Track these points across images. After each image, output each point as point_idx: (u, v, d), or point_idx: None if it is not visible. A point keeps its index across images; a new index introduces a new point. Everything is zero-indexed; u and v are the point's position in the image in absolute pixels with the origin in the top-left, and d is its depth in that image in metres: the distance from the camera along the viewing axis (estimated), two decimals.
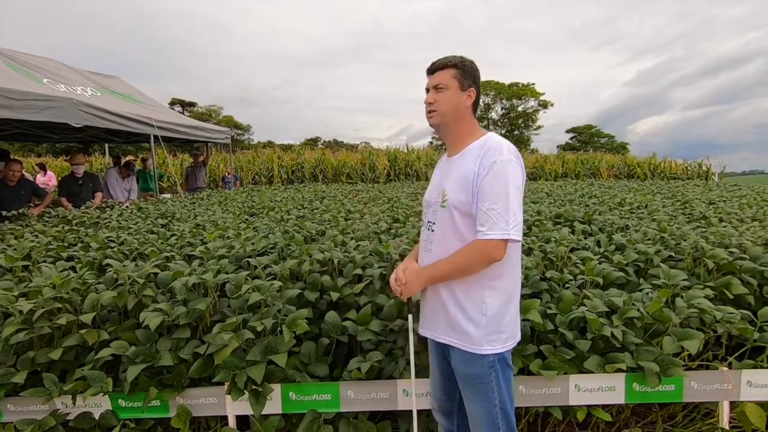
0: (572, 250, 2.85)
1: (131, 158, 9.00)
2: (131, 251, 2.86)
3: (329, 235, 3.15)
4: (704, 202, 5.43)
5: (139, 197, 7.77)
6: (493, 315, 1.46)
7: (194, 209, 5.23)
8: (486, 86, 44.44)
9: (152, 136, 7.33)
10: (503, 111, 48.36)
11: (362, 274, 2.38)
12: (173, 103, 43.68)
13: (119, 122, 6.42)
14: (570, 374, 1.91)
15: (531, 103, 47.47)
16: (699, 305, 1.98)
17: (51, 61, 7.22)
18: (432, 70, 1.55)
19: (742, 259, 2.56)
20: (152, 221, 4.13)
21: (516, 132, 47.16)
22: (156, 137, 7.34)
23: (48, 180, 10.68)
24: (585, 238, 3.19)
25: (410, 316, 1.68)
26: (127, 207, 5.47)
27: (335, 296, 2.19)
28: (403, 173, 17.19)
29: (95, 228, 3.94)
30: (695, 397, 1.95)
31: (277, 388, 1.90)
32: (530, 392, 1.92)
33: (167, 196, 7.61)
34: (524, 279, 2.36)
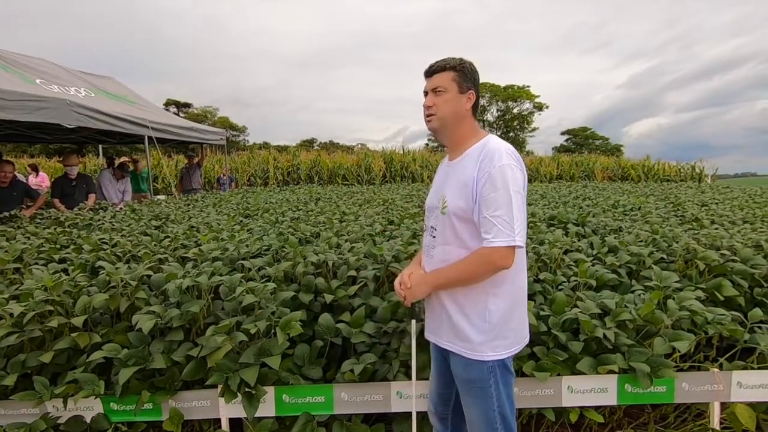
0: (566, 252, 2.86)
1: (125, 159, 8.93)
2: (124, 253, 2.85)
3: (324, 237, 3.15)
4: (697, 204, 5.48)
5: (138, 199, 7.73)
6: (497, 321, 1.43)
7: (188, 211, 5.20)
8: (482, 88, 42.87)
9: (146, 138, 7.29)
10: (499, 113, 48.50)
11: (356, 276, 2.38)
12: (168, 104, 43.48)
13: (113, 123, 6.38)
14: (563, 376, 1.92)
15: (526, 105, 47.66)
16: (690, 307, 2.00)
17: (44, 62, 7.17)
18: (430, 73, 1.51)
19: (733, 261, 2.59)
20: (146, 223, 4.11)
21: (511, 134, 47.30)
22: (150, 138, 7.30)
23: (41, 181, 10.60)
24: (578, 240, 3.21)
25: (413, 321, 1.66)
26: (121, 209, 5.44)
27: (329, 298, 2.19)
28: (399, 175, 17.22)
29: (88, 230, 3.92)
30: (686, 398, 1.96)
31: (271, 391, 1.89)
32: (523, 394, 1.92)
33: (161, 198, 7.57)
34: None
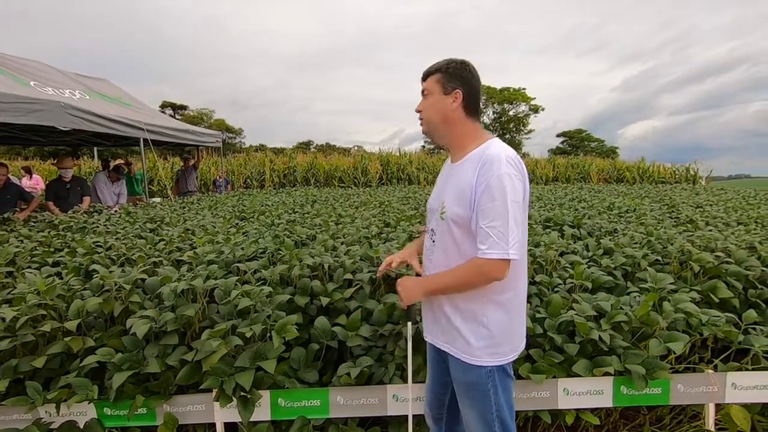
0: (562, 254, 2.87)
1: (121, 162, 8.89)
2: (118, 256, 2.83)
3: (320, 240, 3.14)
4: (691, 206, 5.51)
5: (134, 202, 7.69)
6: (495, 328, 1.42)
7: (184, 213, 5.18)
8: None
9: (142, 140, 7.26)
10: (495, 115, 48.71)
11: (352, 279, 2.37)
12: (164, 106, 43.35)
13: (108, 125, 6.35)
14: (559, 378, 1.92)
15: (522, 108, 47.89)
16: (685, 309, 2.00)
17: (38, 64, 7.14)
18: (423, 78, 1.52)
19: (728, 263, 2.60)
20: (141, 226, 4.08)
21: (507, 136, 47.47)
22: (146, 141, 7.27)
23: (35, 184, 10.52)
24: (574, 242, 3.21)
25: (409, 324, 1.66)
26: (116, 211, 5.41)
27: (325, 301, 2.19)
28: (396, 177, 17.22)
29: (82, 233, 3.89)
30: (682, 400, 1.97)
31: (266, 395, 1.88)
32: (519, 396, 1.92)
33: (157, 200, 7.54)
34: None
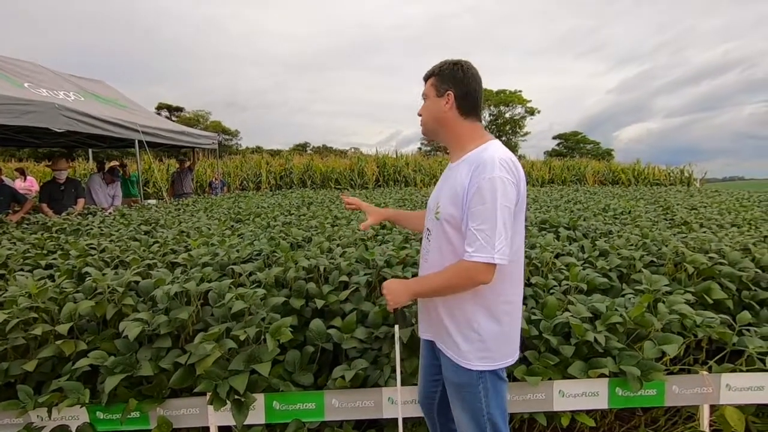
0: (557, 256, 2.88)
1: (116, 164, 8.85)
2: (112, 259, 2.81)
3: (316, 242, 3.13)
4: (686, 208, 5.54)
5: (128, 204, 7.65)
6: (486, 333, 1.41)
7: (179, 215, 5.16)
8: None
9: (137, 142, 7.23)
10: (491, 117, 48.90)
11: (348, 281, 2.36)
12: (160, 108, 43.20)
13: (102, 127, 6.32)
14: (554, 380, 1.91)
15: (518, 110, 48.12)
16: (680, 310, 2.01)
17: (32, 65, 7.10)
18: (424, 81, 1.54)
19: (722, 264, 2.61)
20: (135, 228, 4.06)
21: (504, 138, 47.63)
22: (141, 142, 7.24)
23: (30, 185, 10.44)
24: (570, 244, 3.22)
25: (396, 327, 1.66)
26: (110, 213, 5.37)
27: (320, 303, 2.18)
28: (392, 179, 17.23)
29: (76, 235, 3.86)
30: (677, 402, 1.97)
31: (261, 398, 1.87)
32: (515, 398, 1.92)
33: (152, 202, 7.50)
34: None
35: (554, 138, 52.59)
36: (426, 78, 1.52)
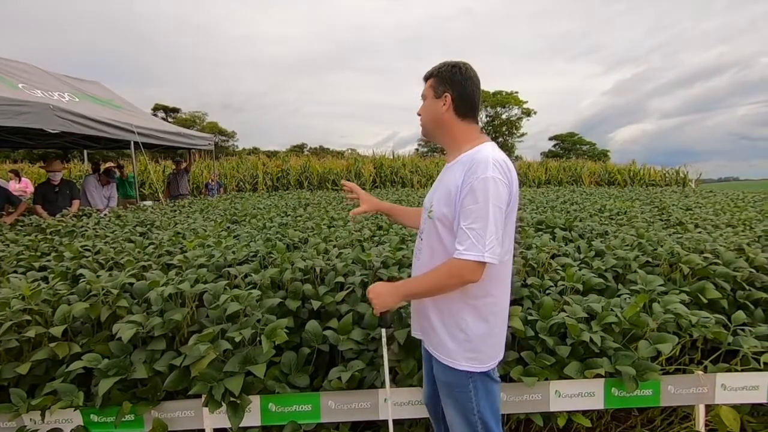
0: (553, 257, 2.88)
1: (111, 165, 8.80)
2: (107, 260, 2.79)
3: (312, 243, 3.12)
4: (681, 209, 5.57)
5: (123, 205, 7.62)
6: (473, 334, 1.42)
7: (175, 217, 5.13)
8: None
9: (133, 143, 7.20)
10: (488, 119, 49.02)
11: (344, 282, 2.36)
12: (156, 109, 43.10)
13: (98, 128, 6.29)
14: (550, 380, 1.92)
15: (515, 111, 48.28)
16: (675, 310, 2.02)
17: (27, 66, 7.06)
18: (423, 81, 1.55)
19: (716, 265, 2.62)
20: (130, 229, 4.04)
21: (500, 139, 47.78)
22: (137, 143, 7.21)
23: (24, 187, 10.37)
24: (566, 245, 3.23)
25: (383, 330, 1.65)
26: (105, 215, 5.34)
27: (316, 305, 2.17)
28: (389, 180, 17.23)
29: (70, 237, 3.83)
30: (672, 401, 1.97)
31: (256, 400, 1.86)
32: (511, 399, 1.92)
33: (148, 204, 7.47)
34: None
35: (550, 139, 52.86)
36: (426, 78, 1.53)
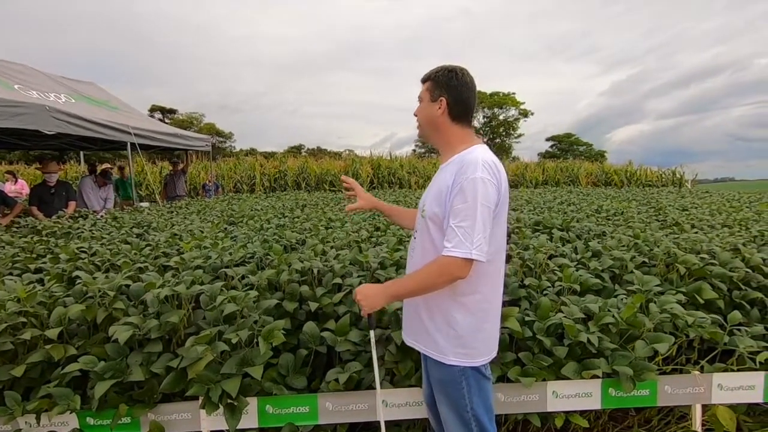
0: (550, 257, 2.88)
1: (108, 166, 8.77)
2: (103, 262, 2.78)
3: (309, 244, 3.12)
4: (677, 209, 5.59)
5: (119, 206, 7.59)
6: (462, 330, 1.45)
7: (171, 218, 5.11)
8: None
9: (129, 144, 7.17)
10: (485, 119, 49.09)
11: (342, 284, 2.36)
12: (153, 110, 43.00)
13: (94, 129, 6.26)
14: (548, 381, 1.92)
15: (512, 112, 48.33)
16: (671, 310, 2.02)
17: (23, 67, 7.03)
18: (421, 83, 1.59)
19: (713, 265, 2.63)
20: (127, 231, 4.02)
21: (498, 140, 47.88)
22: (133, 145, 7.19)
23: (20, 188, 10.33)
24: (563, 245, 3.23)
25: (372, 332, 1.66)
26: (101, 216, 5.32)
27: (314, 306, 2.17)
28: (387, 181, 17.24)
29: (66, 238, 3.82)
30: (669, 401, 1.98)
31: (254, 402, 1.86)
32: (509, 400, 1.92)
33: (145, 205, 7.44)
34: (503, 287, 2.37)
35: (548, 140, 52.99)
36: (423, 81, 1.58)
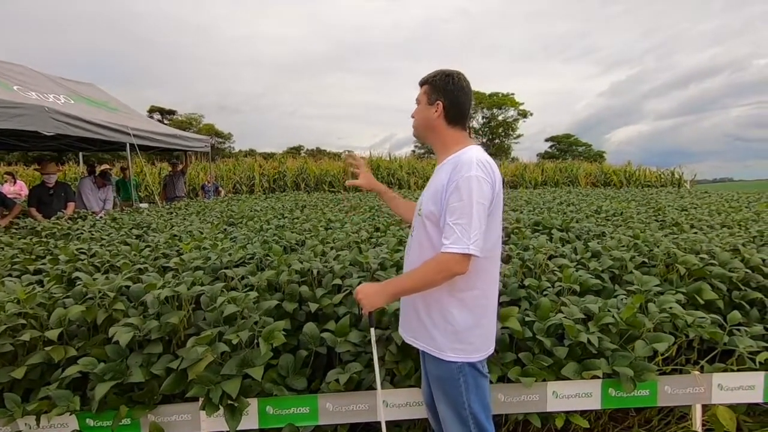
0: (550, 258, 2.88)
1: (107, 167, 8.76)
2: (102, 263, 2.77)
3: (309, 245, 3.12)
4: (677, 209, 5.59)
5: (121, 207, 7.59)
6: (460, 326, 1.48)
7: (171, 219, 5.11)
8: None
9: (128, 145, 7.17)
10: (484, 120, 49.13)
11: (341, 284, 2.36)
12: (152, 111, 42.95)
13: (93, 130, 6.26)
14: (548, 381, 1.92)
15: (511, 113, 48.38)
16: (671, 310, 2.03)
17: (22, 68, 7.03)
18: (419, 86, 1.63)
19: (712, 265, 2.64)
20: (126, 232, 4.02)
21: (497, 140, 47.94)
22: (132, 146, 7.18)
23: (19, 189, 10.30)
24: (562, 246, 3.24)
25: (372, 330, 1.67)
26: (101, 217, 5.31)
27: (314, 307, 2.17)
28: (386, 181, 17.24)
29: (66, 240, 3.81)
30: (669, 401, 1.98)
31: (254, 403, 1.85)
32: (509, 400, 1.92)
33: (144, 206, 7.44)
34: (503, 287, 2.37)
35: (547, 140, 53.06)
36: (421, 84, 1.62)
